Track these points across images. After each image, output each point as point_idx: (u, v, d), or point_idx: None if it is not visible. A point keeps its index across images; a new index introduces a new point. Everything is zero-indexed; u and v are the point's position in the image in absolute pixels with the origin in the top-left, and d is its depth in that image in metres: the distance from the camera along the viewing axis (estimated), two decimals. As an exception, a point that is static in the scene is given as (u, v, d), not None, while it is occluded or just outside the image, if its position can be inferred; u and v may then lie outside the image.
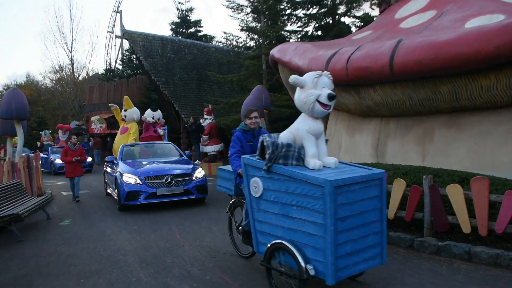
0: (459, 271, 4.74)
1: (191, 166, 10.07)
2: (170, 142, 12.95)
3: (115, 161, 10.85)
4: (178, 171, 9.51)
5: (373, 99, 7.87)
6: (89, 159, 21.86)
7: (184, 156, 11.41)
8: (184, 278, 4.88)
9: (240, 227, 5.22)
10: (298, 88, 4.09)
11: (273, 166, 3.96)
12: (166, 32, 61.66)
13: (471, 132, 7.05)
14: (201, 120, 18.96)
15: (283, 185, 3.91)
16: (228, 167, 5.33)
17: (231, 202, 5.53)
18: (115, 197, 9.69)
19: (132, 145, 11.96)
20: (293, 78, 3.94)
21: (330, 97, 3.89)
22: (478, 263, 4.90)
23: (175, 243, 6.47)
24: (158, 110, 16.53)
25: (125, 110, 15.44)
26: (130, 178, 9.15)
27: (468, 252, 5.02)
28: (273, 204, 4.04)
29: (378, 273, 4.72)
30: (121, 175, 9.37)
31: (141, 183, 9.06)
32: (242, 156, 4.49)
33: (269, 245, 4.10)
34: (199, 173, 9.83)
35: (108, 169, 11.39)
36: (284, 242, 3.88)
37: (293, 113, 17.02)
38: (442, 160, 7.14)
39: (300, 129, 4.05)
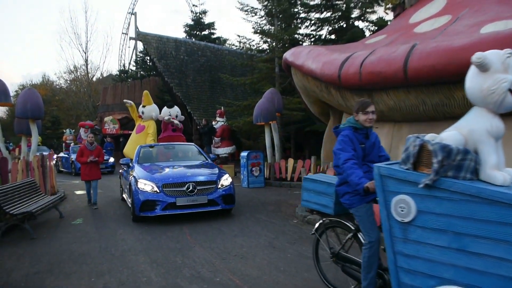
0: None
1: (216, 171, 8.89)
2: (193, 144, 11.80)
3: (130, 163, 9.83)
4: (201, 178, 8.37)
5: (386, 104, 7.82)
6: (111, 159, 21.18)
7: (209, 160, 10.20)
8: (194, 279, 4.90)
9: (337, 255, 4.22)
10: (475, 73, 3.09)
11: (441, 181, 2.86)
12: (179, 33, 62.06)
13: (485, 138, 6.96)
14: (213, 122, 19.03)
15: (457, 208, 2.81)
16: (321, 177, 4.43)
17: (321, 222, 4.42)
18: (129, 205, 8.77)
19: (150, 146, 10.88)
20: (479, 56, 2.96)
21: None
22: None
23: (185, 244, 6.50)
24: (175, 107, 15.19)
25: (143, 106, 13.85)
26: (146, 185, 8.08)
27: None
28: (437, 233, 2.92)
29: None
30: (136, 181, 8.31)
31: (158, 191, 7.96)
32: (376, 165, 3.26)
33: None
34: (226, 180, 8.67)
35: (124, 173, 10.57)
36: None
37: (305, 116, 17.04)
38: (455, 166, 7.06)
39: (477, 129, 2.97)
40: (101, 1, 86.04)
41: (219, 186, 8.40)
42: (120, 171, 11.28)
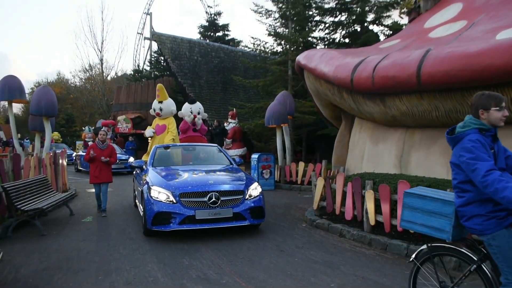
0: None
1: (243, 179, 7.55)
2: (216, 145, 10.40)
3: (144, 166, 8.67)
4: (226, 187, 7.07)
5: (399, 109, 7.75)
6: (131, 159, 19.36)
7: (234, 164, 8.87)
8: (200, 281, 4.89)
9: None
10: None
11: None
12: (193, 34, 62.34)
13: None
14: (225, 124, 19.07)
15: None
16: (431, 192, 3.62)
17: (424, 248, 3.57)
18: (141, 214, 7.59)
19: (167, 147, 9.61)
20: None
21: None
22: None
23: (192, 245, 6.50)
24: (197, 102, 13.06)
25: (160, 102, 12.01)
26: (160, 194, 6.85)
27: (492, 270, 4.85)
28: None
29: None
30: (148, 188, 7.08)
31: (174, 201, 6.72)
32: None
33: None
34: (255, 189, 7.34)
35: (137, 176, 9.36)
36: None
37: (317, 120, 16.98)
38: (468, 174, 6.97)
39: None
40: (118, 1, 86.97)
41: (247, 196, 7.12)
42: (134, 172, 10.15)
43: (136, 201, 9.28)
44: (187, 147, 9.82)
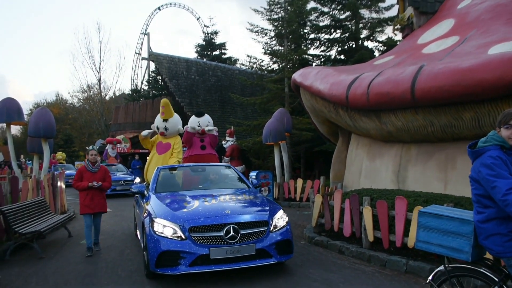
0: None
1: (266, 206, 6.19)
2: (229, 164, 9.17)
3: (145, 192, 7.38)
4: (247, 217, 5.72)
5: (394, 125, 7.81)
6: (137, 180, 17.70)
7: (251, 187, 7.52)
8: (198, 301, 4.82)
9: None
10: None
11: None
12: (191, 53, 62.88)
13: (495, 159, 6.90)
14: (223, 142, 19.10)
15: None
16: (447, 210, 3.48)
17: (442, 269, 3.44)
18: (143, 251, 6.25)
19: (172, 168, 8.26)
20: None
21: None
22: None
23: None
24: (206, 115, 11.20)
25: (165, 120, 10.10)
26: (165, 228, 5.53)
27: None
28: None
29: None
30: (151, 220, 5.75)
31: (183, 237, 5.41)
32: None
33: None
34: (281, 218, 6.02)
35: (137, 203, 8.11)
36: None
37: (314, 137, 17.04)
38: (464, 188, 6.98)
39: None
40: (116, 21, 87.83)
41: (272, 228, 5.78)
42: (135, 196, 8.85)
43: (137, 231, 8.08)
44: (195, 168, 8.38)
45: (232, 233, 5.43)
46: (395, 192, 7.09)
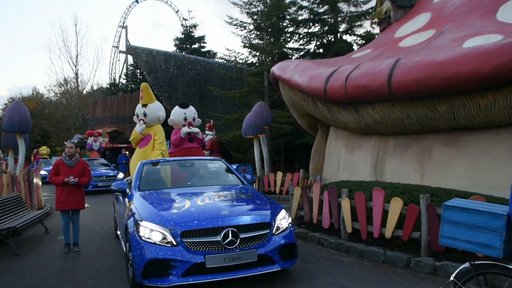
0: (454, 292, 4.68)
1: (267, 205, 5.52)
2: (219, 158, 8.22)
3: (127, 189, 6.48)
4: (247, 219, 5.02)
5: (372, 117, 7.90)
6: (120, 175, 17.00)
7: (246, 183, 6.79)
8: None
9: None
10: None
11: None
12: (169, 47, 62.27)
13: (470, 150, 7.05)
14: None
15: None
16: (474, 204, 3.31)
17: (467, 266, 3.27)
18: (125, 255, 5.52)
19: (156, 163, 7.36)
20: None
21: None
22: (475, 284, 4.84)
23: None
24: (191, 106, 10.70)
25: (144, 106, 9.36)
26: (153, 233, 4.77)
27: (465, 273, 4.96)
28: None
29: (373, 293, 4.67)
30: (136, 223, 4.98)
31: (175, 243, 4.67)
32: None
33: None
34: (283, 219, 5.34)
35: (118, 201, 7.42)
36: None
37: (294, 130, 17.11)
38: (441, 178, 7.13)
39: None
40: (93, 14, 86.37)
41: (274, 230, 5.12)
42: (114, 197, 8.32)
43: (118, 232, 7.42)
44: (183, 163, 7.57)
45: (230, 237, 4.71)
46: (373, 183, 7.17)
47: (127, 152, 22.91)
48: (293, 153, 22.30)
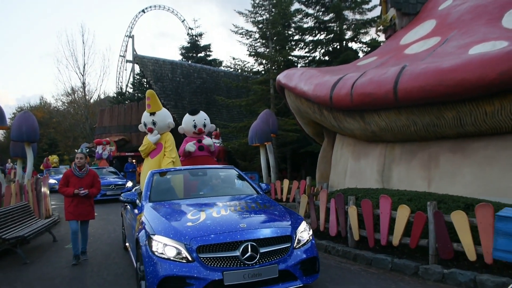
0: (463, 300, 4.65)
1: (287, 216, 5.17)
2: (232, 166, 7.77)
3: (137, 201, 6.17)
4: (266, 232, 4.68)
5: (378, 125, 7.90)
6: (129, 183, 16.83)
7: (261, 192, 6.47)
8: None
9: None
10: None
11: None
12: (176, 56, 62.67)
13: (476, 157, 7.02)
14: (209, 144, 19.03)
15: None
16: None
17: None
18: (136, 269, 5.22)
19: (167, 172, 7.06)
20: None
21: None
22: (483, 292, 4.80)
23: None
24: (201, 112, 10.23)
25: (152, 114, 8.80)
26: (167, 248, 4.45)
27: (474, 280, 4.94)
28: None
29: (381, 301, 4.65)
30: (148, 237, 4.66)
31: (190, 258, 4.35)
32: None
33: None
34: (304, 231, 5.01)
35: (127, 212, 7.10)
36: None
37: (300, 137, 17.11)
38: (448, 186, 7.11)
39: None
40: (100, 24, 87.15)
41: (295, 244, 4.78)
42: (122, 208, 8.19)
43: (127, 244, 7.22)
44: (195, 172, 7.21)
45: (250, 252, 4.38)
46: (380, 191, 7.16)
47: (134, 161, 23.01)
48: (299, 161, 22.27)
